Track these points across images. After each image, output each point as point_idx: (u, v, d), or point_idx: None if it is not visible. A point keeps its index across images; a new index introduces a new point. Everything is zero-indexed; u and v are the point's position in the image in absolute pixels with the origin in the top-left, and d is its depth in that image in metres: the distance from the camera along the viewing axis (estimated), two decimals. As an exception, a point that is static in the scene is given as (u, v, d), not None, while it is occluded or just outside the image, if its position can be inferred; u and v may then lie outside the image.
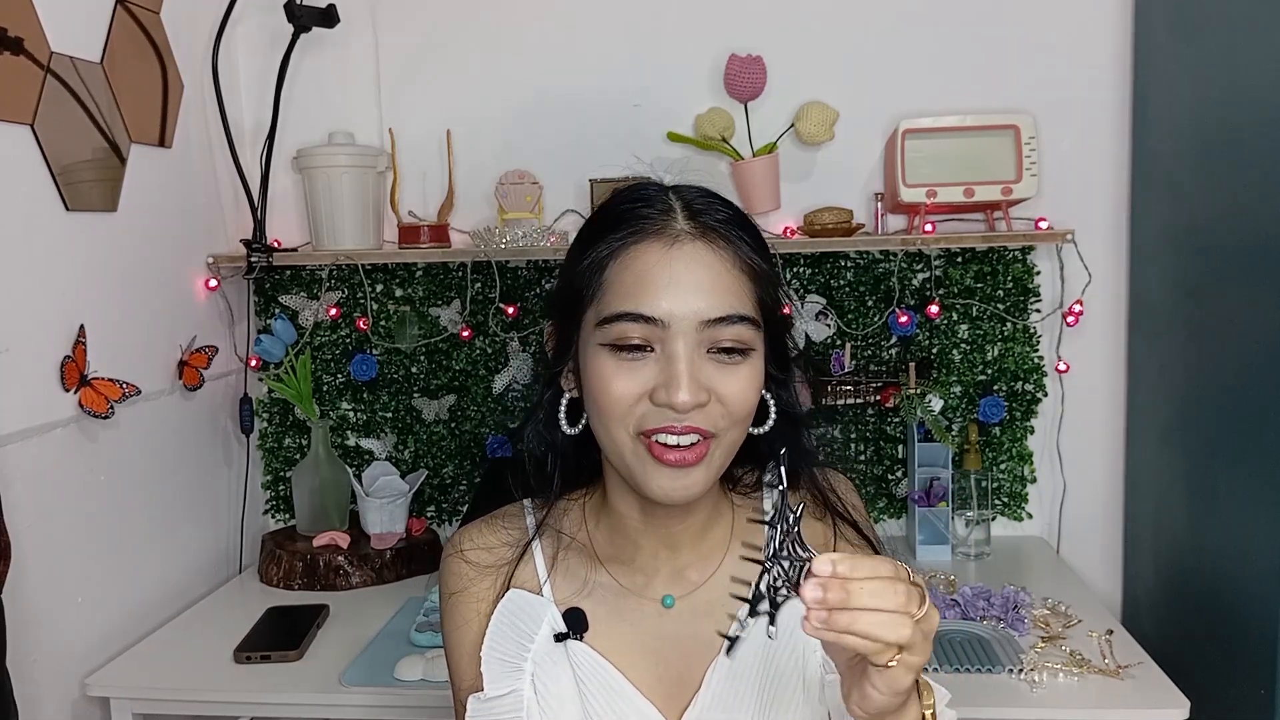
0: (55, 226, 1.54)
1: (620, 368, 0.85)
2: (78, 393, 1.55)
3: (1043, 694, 1.42)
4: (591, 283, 0.88)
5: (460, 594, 0.98)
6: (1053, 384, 2.00)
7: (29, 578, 1.43)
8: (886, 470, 2.05)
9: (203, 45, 1.93)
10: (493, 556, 0.98)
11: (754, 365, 0.87)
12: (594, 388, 0.87)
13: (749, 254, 0.87)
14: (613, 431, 0.86)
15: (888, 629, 0.69)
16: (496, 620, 0.95)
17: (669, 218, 0.87)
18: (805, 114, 1.91)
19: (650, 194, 0.90)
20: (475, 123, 2.04)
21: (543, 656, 0.93)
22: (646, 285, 0.84)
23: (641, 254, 0.86)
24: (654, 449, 0.84)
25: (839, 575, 0.69)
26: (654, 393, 0.84)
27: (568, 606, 0.95)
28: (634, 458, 0.86)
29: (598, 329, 0.86)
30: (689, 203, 0.89)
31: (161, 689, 1.54)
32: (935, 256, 1.97)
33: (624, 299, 0.85)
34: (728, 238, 0.87)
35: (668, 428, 0.84)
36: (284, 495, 2.15)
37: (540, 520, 0.99)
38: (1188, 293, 1.72)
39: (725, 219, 0.88)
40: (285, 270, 2.07)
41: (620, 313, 0.84)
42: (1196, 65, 1.67)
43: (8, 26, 1.43)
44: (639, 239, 0.86)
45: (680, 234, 0.86)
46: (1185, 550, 1.72)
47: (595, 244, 0.89)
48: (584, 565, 0.97)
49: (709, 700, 0.91)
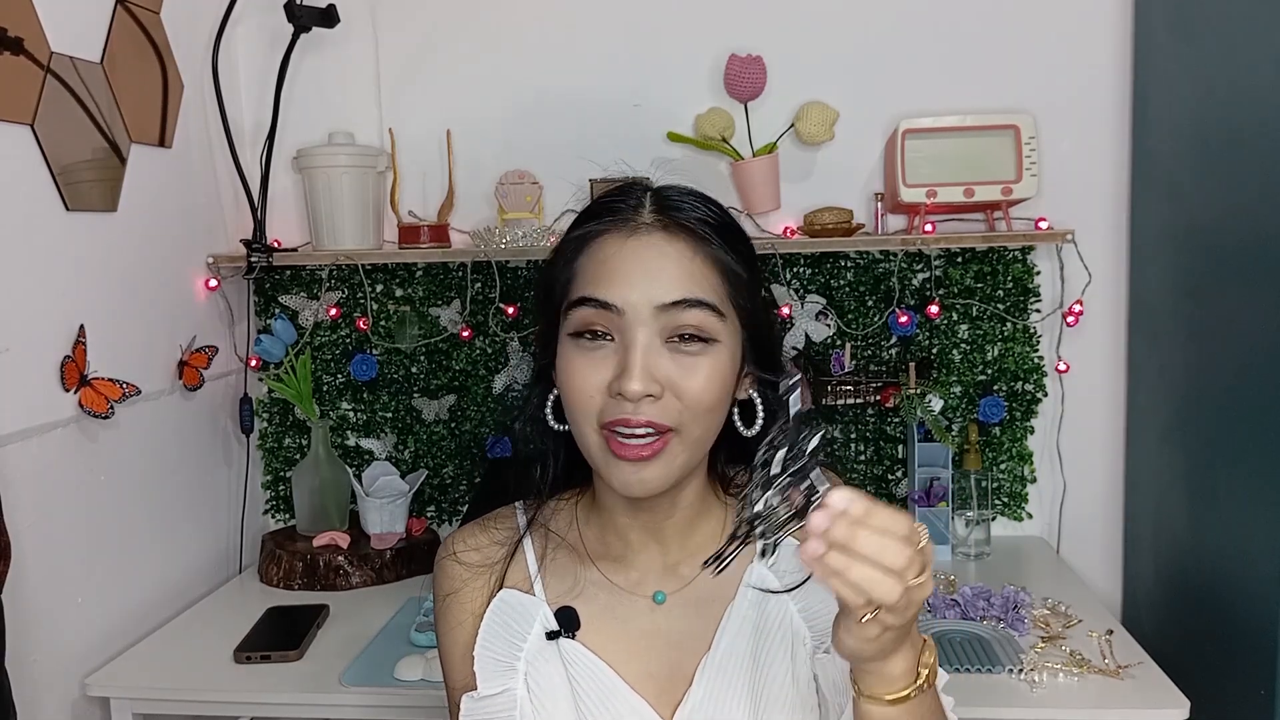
0: (55, 226, 1.54)
1: (583, 358, 0.86)
2: (78, 393, 1.55)
3: (1043, 694, 1.42)
4: (562, 275, 0.90)
5: (453, 595, 0.98)
6: (1053, 384, 2.00)
7: (29, 578, 1.43)
8: (886, 470, 2.05)
9: (203, 45, 1.93)
10: (483, 556, 0.99)
11: (716, 358, 0.87)
12: (562, 381, 0.88)
13: (715, 250, 0.88)
14: (580, 425, 0.88)
15: (876, 585, 0.68)
16: (489, 620, 0.96)
17: (636, 210, 0.89)
18: (805, 114, 1.91)
19: (627, 190, 0.92)
20: (475, 123, 2.04)
21: (535, 655, 0.94)
22: (605, 272, 0.86)
23: (604, 243, 0.88)
24: (612, 443, 0.85)
25: (851, 515, 0.68)
26: (611, 384, 0.85)
27: (559, 605, 0.95)
28: (598, 451, 0.87)
29: (564, 319, 0.89)
30: (664, 198, 0.90)
31: (161, 689, 1.54)
32: (935, 256, 1.97)
33: (584, 285, 0.87)
34: (694, 232, 0.88)
35: (623, 420, 0.84)
36: (284, 495, 2.15)
37: (530, 518, 1.00)
38: (1188, 293, 1.72)
39: (698, 218, 0.89)
40: (285, 270, 2.07)
41: (580, 298, 0.87)
42: (1196, 65, 1.67)
43: (8, 26, 1.43)
44: (604, 229, 0.89)
45: (640, 225, 0.88)
46: (1185, 550, 1.72)
47: (569, 235, 0.91)
48: (574, 564, 0.97)
49: (701, 695, 0.92)
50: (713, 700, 0.92)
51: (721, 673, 0.92)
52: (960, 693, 1.41)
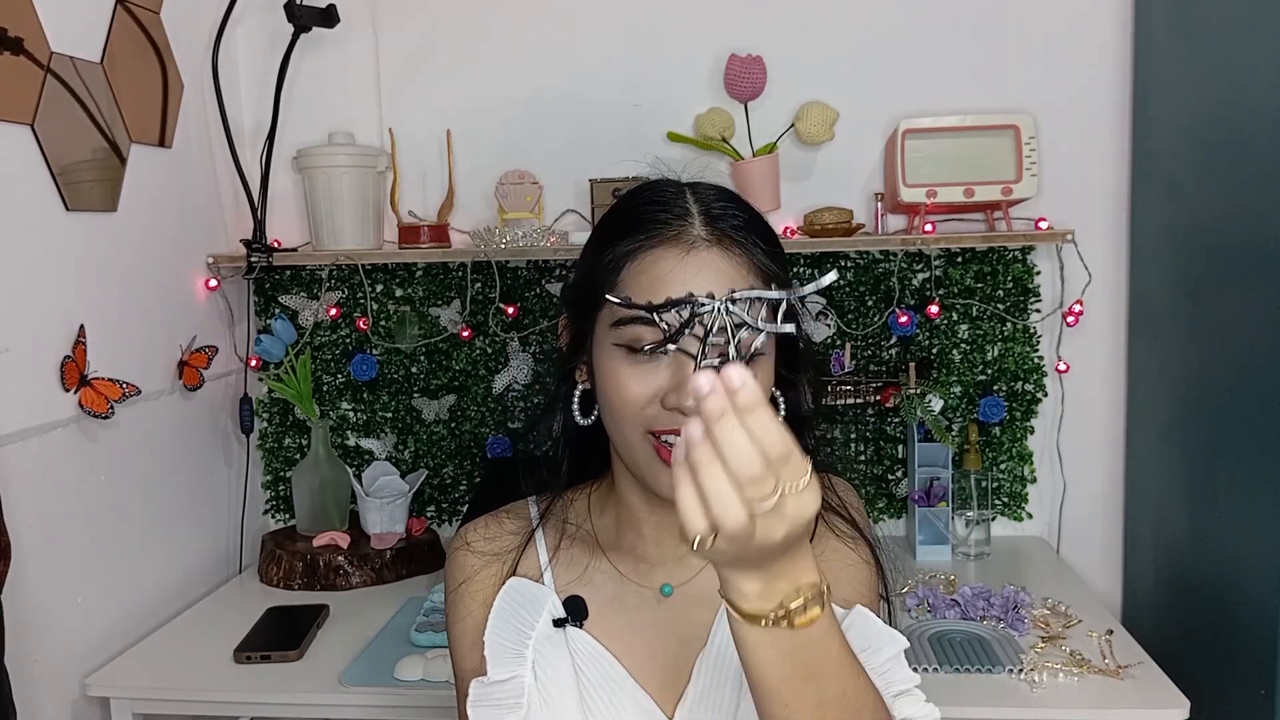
0: (55, 226, 1.54)
1: (633, 369, 0.86)
2: (78, 393, 1.55)
3: (1043, 694, 1.42)
4: (607, 282, 0.89)
5: (466, 584, 0.99)
6: (1053, 384, 2.00)
7: (29, 578, 1.43)
8: (886, 470, 2.05)
9: (203, 45, 1.93)
10: (497, 545, 1.00)
11: (765, 368, 0.88)
12: (606, 387, 0.88)
13: (763, 260, 0.88)
14: (624, 430, 0.88)
15: (716, 502, 0.61)
16: (498, 606, 0.97)
17: (686, 222, 0.88)
18: (805, 114, 1.91)
19: (668, 197, 0.91)
20: (475, 123, 2.04)
21: (543, 643, 0.94)
22: (661, 290, 0.85)
23: (658, 259, 0.87)
24: (662, 451, 0.86)
25: (730, 387, 0.60)
26: (665, 396, 0.85)
27: (568, 594, 0.96)
28: (643, 456, 0.87)
29: (612, 329, 0.87)
30: (707, 208, 0.89)
31: (161, 689, 1.54)
32: (935, 256, 1.97)
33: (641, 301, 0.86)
34: (743, 244, 0.88)
35: (675, 430, 0.84)
36: (284, 495, 2.15)
37: (544, 510, 1.01)
38: (1188, 293, 1.72)
39: (741, 224, 0.89)
40: (285, 270, 2.07)
41: (635, 316, 0.85)
42: (1196, 65, 1.67)
43: (8, 26, 1.43)
44: (655, 243, 0.87)
45: (696, 240, 0.87)
46: (1185, 550, 1.72)
47: (613, 244, 0.90)
48: (586, 554, 0.98)
49: (699, 691, 0.92)
50: (710, 695, 0.92)
51: (718, 668, 0.93)
52: (960, 693, 1.42)
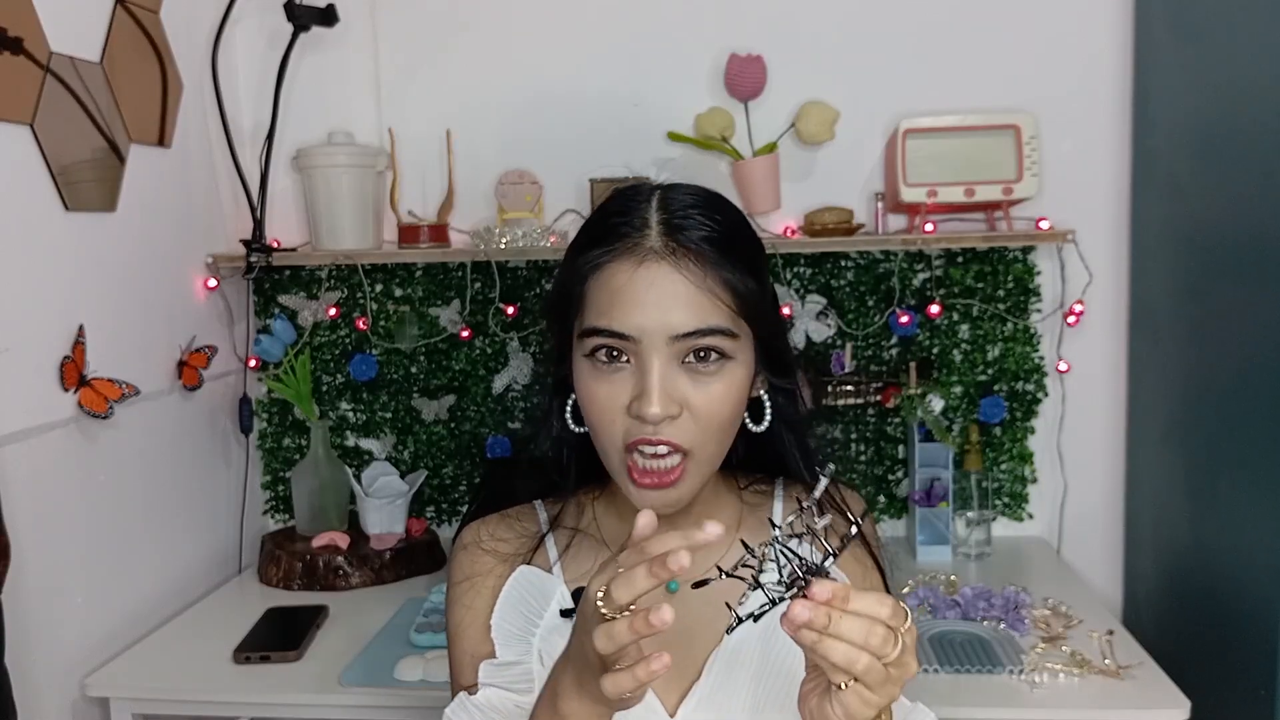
0: (55, 226, 1.53)
1: (601, 379, 0.88)
2: (77, 393, 1.55)
3: (1043, 694, 1.42)
4: (573, 294, 0.91)
5: (480, 578, 1.00)
6: (1053, 384, 1.99)
7: (29, 578, 1.43)
8: (887, 470, 2.05)
9: (202, 45, 1.93)
10: (509, 547, 1.01)
11: (731, 375, 0.89)
12: (584, 402, 0.91)
13: (723, 273, 0.88)
14: (601, 440, 0.90)
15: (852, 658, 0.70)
16: (507, 593, 0.98)
17: (642, 234, 0.88)
18: (805, 114, 1.91)
19: (633, 205, 0.91)
20: (475, 123, 2.04)
21: (550, 632, 0.95)
22: (616, 302, 0.87)
23: (615, 272, 0.88)
24: (633, 471, 0.88)
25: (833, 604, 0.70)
26: (630, 405, 0.87)
27: (576, 586, 0.96)
28: (619, 471, 0.90)
29: (579, 341, 0.90)
30: (669, 217, 0.89)
31: (161, 689, 1.54)
32: (936, 256, 1.97)
33: (597, 314, 0.88)
34: (701, 256, 0.87)
35: (644, 440, 0.87)
36: (283, 495, 2.14)
37: (554, 516, 1.02)
38: (1188, 292, 1.71)
39: (703, 237, 0.88)
40: (284, 270, 2.07)
41: (592, 328, 0.88)
42: (1196, 65, 1.67)
43: (8, 26, 1.43)
44: (613, 256, 0.88)
45: (648, 253, 0.87)
46: (1186, 550, 1.72)
47: (584, 252, 0.91)
48: (594, 552, 0.99)
49: (709, 689, 0.92)
50: (720, 694, 0.92)
51: (730, 667, 0.93)
52: (961, 693, 1.42)
